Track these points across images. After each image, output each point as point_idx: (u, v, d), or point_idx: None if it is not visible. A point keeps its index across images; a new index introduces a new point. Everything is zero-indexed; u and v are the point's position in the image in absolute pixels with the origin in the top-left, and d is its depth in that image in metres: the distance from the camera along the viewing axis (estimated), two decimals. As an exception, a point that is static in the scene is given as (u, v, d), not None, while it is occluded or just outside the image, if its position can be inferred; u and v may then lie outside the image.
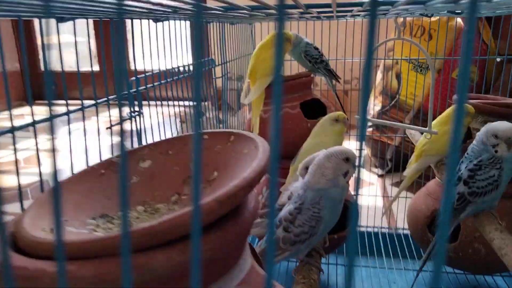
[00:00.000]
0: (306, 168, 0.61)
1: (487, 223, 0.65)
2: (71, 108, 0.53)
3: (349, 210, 1.06)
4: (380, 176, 1.84)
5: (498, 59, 1.30)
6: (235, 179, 0.25)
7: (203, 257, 0.25)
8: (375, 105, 2.00)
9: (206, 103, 1.06)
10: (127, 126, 0.65)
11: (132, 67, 0.72)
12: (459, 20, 1.75)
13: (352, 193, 1.16)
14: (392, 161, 1.84)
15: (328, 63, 1.14)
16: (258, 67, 1.01)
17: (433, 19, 1.78)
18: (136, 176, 0.36)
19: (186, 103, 0.87)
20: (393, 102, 1.89)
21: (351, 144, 2.06)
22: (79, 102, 0.56)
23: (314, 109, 1.11)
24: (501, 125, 0.65)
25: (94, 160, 0.42)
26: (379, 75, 2.03)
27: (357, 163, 0.57)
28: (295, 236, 0.55)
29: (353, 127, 2.38)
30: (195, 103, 0.18)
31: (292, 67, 1.27)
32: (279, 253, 0.57)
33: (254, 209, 0.28)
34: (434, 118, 0.93)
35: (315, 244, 0.59)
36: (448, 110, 0.90)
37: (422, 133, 0.98)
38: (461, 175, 0.70)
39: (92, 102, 0.58)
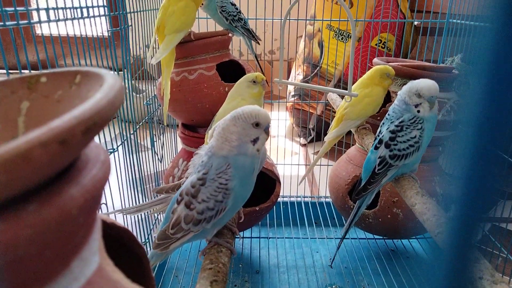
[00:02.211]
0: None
1: (408, 187, 0.62)
2: None
3: (271, 180, 1.00)
4: (303, 145, 1.83)
5: (416, 23, 1.31)
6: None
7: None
8: (298, 74, 1.96)
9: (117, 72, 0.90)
10: None
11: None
12: (378, -12, 1.75)
13: (275, 162, 1.10)
14: (315, 130, 1.83)
15: (246, 22, 1.04)
16: (167, 22, 0.88)
17: (353, -14, 1.76)
18: None
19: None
20: (315, 71, 1.86)
21: (272, 114, 2.02)
22: None
23: (232, 73, 1.01)
24: (424, 83, 0.62)
25: None
26: (301, 44, 1.99)
27: (269, 129, 0.48)
28: (199, 214, 0.46)
29: (275, 97, 2.34)
30: None
31: (209, 26, 1.15)
32: (181, 235, 0.47)
33: (94, 181, 0.18)
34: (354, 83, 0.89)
35: (225, 222, 0.50)
36: (369, 73, 0.86)
37: (343, 98, 0.94)
38: (382, 138, 0.66)
39: None
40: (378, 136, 0.67)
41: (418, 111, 0.62)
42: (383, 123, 0.68)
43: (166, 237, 0.47)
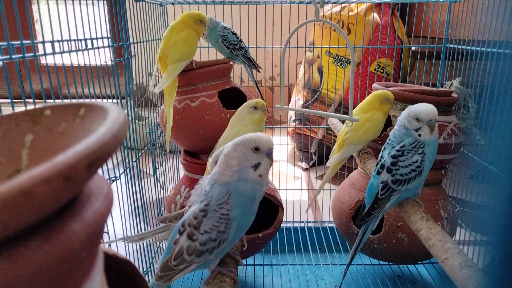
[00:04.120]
0: (217, 162, 0.52)
1: (412, 212, 0.61)
2: None
3: (273, 205, 0.99)
4: (305, 169, 1.82)
5: (413, 48, 1.34)
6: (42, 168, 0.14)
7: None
8: (298, 99, 1.98)
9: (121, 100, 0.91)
10: None
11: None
12: (375, 15, 1.79)
13: (277, 187, 1.10)
14: (316, 154, 1.83)
15: (247, 51, 1.06)
16: (169, 51, 0.89)
17: (351, 13, 1.81)
18: None
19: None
20: (315, 96, 1.88)
21: (274, 139, 2.03)
22: None
23: (234, 100, 1.03)
24: (422, 107, 0.62)
25: None
26: (301, 70, 2.02)
27: (272, 154, 0.48)
28: (201, 245, 0.45)
29: (276, 122, 2.35)
30: None
31: (210, 55, 1.17)
32: (184, 266, 0.46)
33: (96, 216, 0.18)
34: (354, 108, 0.89)
35: (228, 251, 0.49)
36: (368, 98, 0.87)
37: (343, 122, 0.94)
38: (384, 163, 0.66)
39: None
40: (380, 161, 0.67)
41: (419, 135, 0.63)
42: (384, 148, 0.68)
43: (169, 269, 0.46)
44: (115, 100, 0.83)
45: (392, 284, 0.99)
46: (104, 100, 0.82)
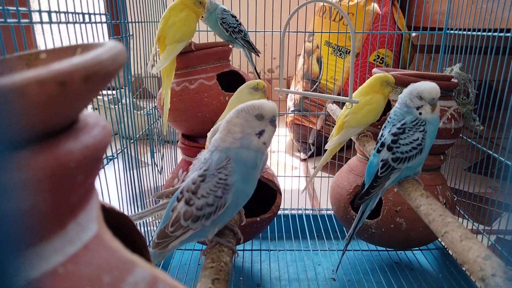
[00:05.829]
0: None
1: (412, 189, 0.60)
2: None
3: (271, 191, 0.99)
4: (303, 160, 1.82)
5: (414, 34, 1.33)
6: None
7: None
8: (297, 89, 1.97)
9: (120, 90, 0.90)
10: None
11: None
12: (375, 5, 1.79)
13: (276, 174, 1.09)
14: (314, 145, 1.83)
15: (247, 34, 1.05)
16: (168, 32, 0.88)
17: (351, 3, 1.80)
18: None
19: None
20: (314, 87, 1.87)
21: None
22: None
23: (233, 83, 1.02)
24: (425, 85, 0.62)
25: None
26: (300, 61, 2.01)
27: (275, 121, 0.47)
28: (198, 210, 0.44)
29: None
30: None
31: (209, 39, 1.16)
32: (180, 232, 0.45)
33: (94, 141, 0.17)
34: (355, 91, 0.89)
35: (226, 221, 0.49)
36: (369, 80, 0.86)
37: (342, 108, 0.94)
38: (384, 141, 0.65)
39: None
40: (380, 139, 0.67)
41: (420, 114, 0.62)
42: (385, 126, 0.67)
43: (165, 236, 0.45)
44: (114, 92, 0.82)
45: (389, 270, 0.99)
46: (103, 91, 0.82)
